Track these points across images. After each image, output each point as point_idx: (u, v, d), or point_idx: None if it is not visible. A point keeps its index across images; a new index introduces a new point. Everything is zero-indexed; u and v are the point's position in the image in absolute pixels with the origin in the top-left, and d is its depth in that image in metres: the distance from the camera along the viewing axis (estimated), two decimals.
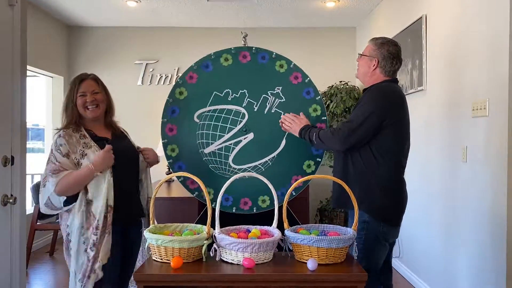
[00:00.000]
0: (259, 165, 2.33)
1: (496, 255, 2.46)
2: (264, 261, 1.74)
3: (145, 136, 5.64)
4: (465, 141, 2.81)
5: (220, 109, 2.34)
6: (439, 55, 3.25)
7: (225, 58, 2.36)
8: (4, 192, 2.17)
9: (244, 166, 2.33)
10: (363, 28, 5.44)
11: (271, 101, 2.35)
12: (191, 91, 2.34)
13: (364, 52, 2.26)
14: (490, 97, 2.52)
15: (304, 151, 2.33)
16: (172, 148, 2.34)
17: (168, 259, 1.73)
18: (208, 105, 2.33)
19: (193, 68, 2.35)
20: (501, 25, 2.41)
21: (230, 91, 2.34)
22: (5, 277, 2.18)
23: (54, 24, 5.39)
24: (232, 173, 2.32)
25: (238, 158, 2.33)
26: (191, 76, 2.36)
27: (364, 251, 2.08)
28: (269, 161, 2.33)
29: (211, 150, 2.32)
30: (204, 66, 2.35)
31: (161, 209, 3.62)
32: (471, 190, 2.75)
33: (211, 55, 2.35)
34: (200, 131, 2.33)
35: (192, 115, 2.33)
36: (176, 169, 2.32)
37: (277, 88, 2.35)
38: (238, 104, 2.33)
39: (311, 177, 2.05)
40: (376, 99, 2.12)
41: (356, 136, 2.08)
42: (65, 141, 2.04)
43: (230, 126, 2.33)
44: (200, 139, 2.33)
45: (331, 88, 5.29)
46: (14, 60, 2.27)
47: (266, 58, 2.37)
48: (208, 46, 3.19)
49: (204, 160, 2.32)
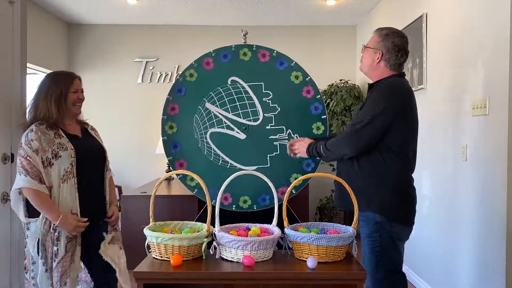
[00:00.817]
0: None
1: (496, 253, 2.46)
2: (264, 259, 1.74)
3: (145, 134, 5.65)
4: (465, 140, 2.81)
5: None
6: (440, 54, 3.25)
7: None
8: (3, 190, 2.17)
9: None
10: (363, 26, 5.43)
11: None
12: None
13: (368, 44, 2.15)
14: (490, 96, 2.51)
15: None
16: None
17: (168, 257, 1.73)
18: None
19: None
20: (501, 23, 2.41)
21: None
22: (4, 274, 2.18)
23: (54, 22, 5.38)
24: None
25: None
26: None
27: (383, 252, 2.02)
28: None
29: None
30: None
31: (161, 207, 3.63)
32: (471, 188, 2.75)
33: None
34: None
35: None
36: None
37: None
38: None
39: (312, 175, 2.03)
40: (384, 97, 2.01)
41: (365, 136, 1.98)
42: (37, 137, 2.00)
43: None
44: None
45: (331, 87, 5.29)
46: (14, 57, 2.27)
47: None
48: (208, 44, 3.18)
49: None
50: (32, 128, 2.03)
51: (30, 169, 1.96)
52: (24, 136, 2.03)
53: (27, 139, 2.00)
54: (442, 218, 3.19)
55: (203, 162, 2.34)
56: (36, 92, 2.13)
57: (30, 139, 1.99)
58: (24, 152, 1.98)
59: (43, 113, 2.07)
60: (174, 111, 2.35)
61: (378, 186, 2.03)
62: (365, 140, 1.99)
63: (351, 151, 2.03)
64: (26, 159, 1.97)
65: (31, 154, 1.97)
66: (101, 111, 5.39)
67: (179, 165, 2.36)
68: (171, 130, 2.35)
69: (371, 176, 2.04)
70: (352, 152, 2.03)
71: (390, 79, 2.09)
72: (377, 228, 2.03)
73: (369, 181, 2.04)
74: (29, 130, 2.03)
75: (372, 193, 2.03)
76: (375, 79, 2.15)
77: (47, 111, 2.06)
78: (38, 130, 2.02)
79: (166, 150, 2.35)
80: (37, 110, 2.08)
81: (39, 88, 2.13)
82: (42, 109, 2.07)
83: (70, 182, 2.03)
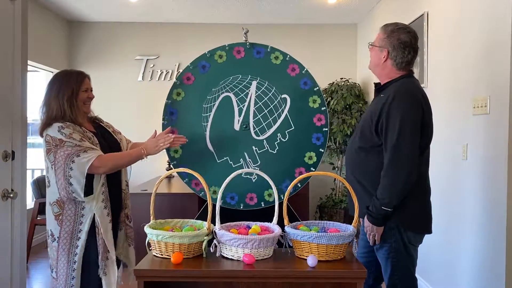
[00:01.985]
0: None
1: (496, 252, 2.46)
2: (264, 257, 1.74)
3: (145, 132, 5.65)
4: (466, 139, 2.81)
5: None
6: (440, 53, 3.25)
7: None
8: (4, 187, 2.18)
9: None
10: (364, 25, 5.43)
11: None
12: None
13: (374, 42, 2.03)
14: (491, 95, 2.51)
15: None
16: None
17: (169, 254, 1.73)
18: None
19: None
20: (502, 22, 2.41)
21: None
22: (5, 272, 2.19)
23: (55, 19, 5.38)
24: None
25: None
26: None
27: (400, 258, 1.96)
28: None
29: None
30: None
31: (161, 204, 3.63)
32: (471, 187, 2.75)
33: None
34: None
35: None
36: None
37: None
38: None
39: (319, 173, 2.01)
40: (405, 107, 1.86)
41: (411, 155, 1.84)
42: (72, 129, 2.02)
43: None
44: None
45: (332, 85, 5.29)
46: (15, 55, 2.27)
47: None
48: (209, 42, 3.19)
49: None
50: (61, 125, 2.02)
51: (85, 145, 2.00)
52: (58, 134, 2.00)
53: (66, 135, 1.99)
54: (442, 216, 3.19)
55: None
56: (47, 91, 2.12)
57: (69, 133, 2.00)
58: (71, 143, 1.98)
59: (56, 112, 2.06)
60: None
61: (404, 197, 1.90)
62: (414, 158, 1.86)
63: (407, 176, 1.85)
64: (66, 141, 1.98)
65: (79, 143, 1.99)
66: (102, 108, 5.36)
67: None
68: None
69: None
70: (411, 176, 1.86)
71: (399, 82, 1.96)
72: (391, 234, 1.95)
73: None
74: (59, 128, 2.01)
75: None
76: (385, 79, 2.03)
77: (60, 110, 2.06)
78: (70, 125, 2.03)
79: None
80: (50, 109, 2.07)
81: (50, 86, 2.12)
82: (54, 108, 2.06)
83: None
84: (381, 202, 1.88)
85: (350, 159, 2.09)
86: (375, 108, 1.97)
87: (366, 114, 2.07)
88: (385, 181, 1.88)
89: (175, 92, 2.36)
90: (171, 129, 2.29)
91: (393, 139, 1.85)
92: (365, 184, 2.00)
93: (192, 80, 2.35)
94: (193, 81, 2.35)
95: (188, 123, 2.35)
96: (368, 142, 1.98)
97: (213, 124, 2.34)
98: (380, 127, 1.92)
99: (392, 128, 1.86)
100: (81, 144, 1.99)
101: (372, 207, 1.91)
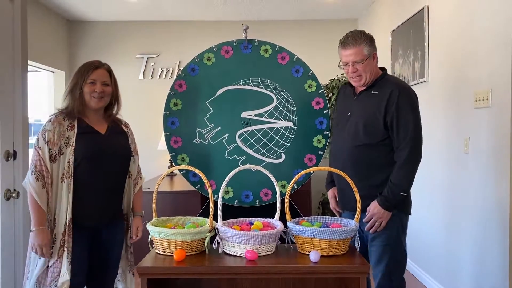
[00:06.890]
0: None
1: (498, 246, 2.46)
2: (266, 253, 1.75)
3: (147, 131, 5.65)
4: (468, 132, 2.80)
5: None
6: (441, 46, 3.24)
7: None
8: (7, 187, 2.18)
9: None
10: (364, 20, 5.41)
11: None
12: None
13: (363, 58, 2.08)
14: (493, 88, 2.50)
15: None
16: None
17: (171, 251, 1.74)
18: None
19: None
20: (503, 15, 2.39)
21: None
22: (9, 271, 2.20)
23: (55, 19, 5.37)
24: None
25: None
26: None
27: (398, 243, 2.06)
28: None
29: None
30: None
31: (163, 202, 3.64)
32: (473, 181, 2.74)
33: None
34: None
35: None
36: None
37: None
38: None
39: (317, 168, 2.03)
40: (413, 101, 2.07)
41: (421, 141, 2.06)
42: (52, 128, 1.94)
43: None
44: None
45: (332, 81, 5.27)
46: (15, 55, 2.27)
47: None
48: (209, 40, 3.17)
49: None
50: (52, 118, 1.98)
51: (39, 166, 1.89)
52: (44, 123, 1.99)
53: (44, 129, 1.95)
54: (444, 210, 3.19)
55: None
56: None
57: (46, 129, 1.95)
58: (37, 142, 1.93)
59: (66, 103, 2.02)
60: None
61: None
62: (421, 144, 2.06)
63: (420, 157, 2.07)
64: (37, 149, 1.91)
65: (42, 145, 1.91)
66: None
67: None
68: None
69: (387, 174, 2.04)
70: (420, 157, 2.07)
71: (388, 77, 2.14)
72: (392, 219, 2.03)
73: (385, 179, 2.05)
74: (48, 119, 1.99)
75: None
76: (373, 78, 2.12)
77: (68, 102, 2.01)
78: (55, 121, 1.96)
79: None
80: (65, 98, 2.04)
81: None
82: (66, 99, 2.03)
83: (66, 182, 1.92)
84: (401, 188, 2.00)
85: (348, 156, 2.12)
86: (376, 105, 2.06)
87: (362, 111, 2.11)
88: (406, 169, 2.01)
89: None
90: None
91: (412, 131, 2.01)
92: (367, 179, 2.06)
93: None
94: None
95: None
96: (375, 138, 2.07)
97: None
98: (390, 122, 2.03)
99: (407, 122, 2.02)
100: (37, 163, 1.89)
101: (389, 193, 2.00)
